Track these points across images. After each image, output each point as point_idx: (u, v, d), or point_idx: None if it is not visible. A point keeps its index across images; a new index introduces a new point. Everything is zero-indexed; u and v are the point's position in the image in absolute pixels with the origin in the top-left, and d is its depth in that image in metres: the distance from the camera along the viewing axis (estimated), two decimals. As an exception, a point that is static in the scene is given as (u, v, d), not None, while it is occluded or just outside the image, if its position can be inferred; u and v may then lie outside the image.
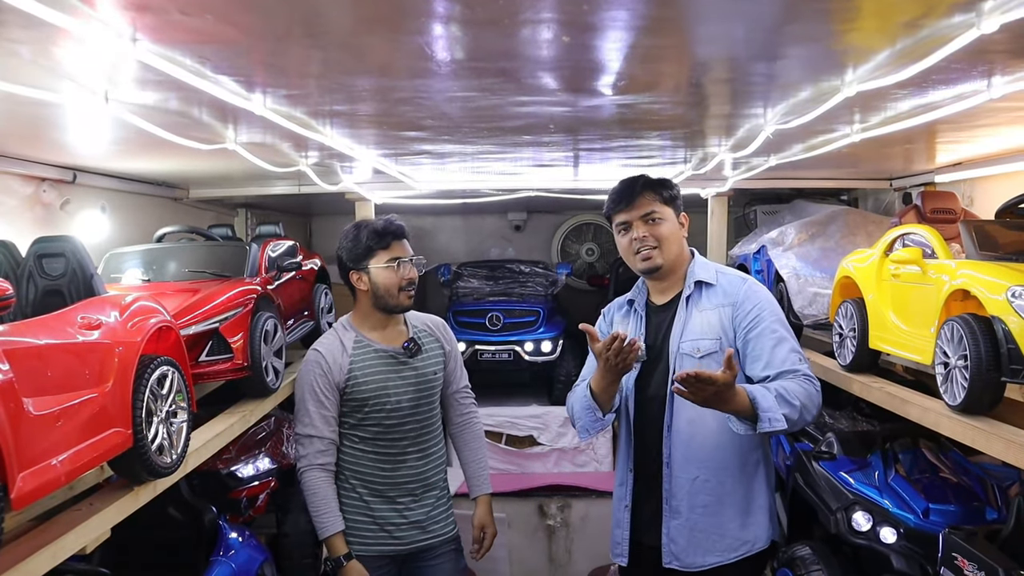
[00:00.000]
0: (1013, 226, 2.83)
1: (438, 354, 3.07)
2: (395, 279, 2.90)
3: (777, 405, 2.32)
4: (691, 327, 2.60)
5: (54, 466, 1.81)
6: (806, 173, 4.73)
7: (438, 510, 3.01)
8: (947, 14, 1.58)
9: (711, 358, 2.53)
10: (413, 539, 2.94)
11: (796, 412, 2.36)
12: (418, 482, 2.95)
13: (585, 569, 5.65)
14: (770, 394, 2.35)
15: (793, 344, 2.53)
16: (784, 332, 2.53)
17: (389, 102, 2.47)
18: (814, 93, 2.32)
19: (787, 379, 2.44)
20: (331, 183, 4.52)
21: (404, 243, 2.96)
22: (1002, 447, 2.25)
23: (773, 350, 2.48)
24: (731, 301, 2.58)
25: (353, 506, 2.91)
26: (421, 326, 3.09)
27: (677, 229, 2.67)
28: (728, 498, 2.56)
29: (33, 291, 2.29)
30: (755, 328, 2.52)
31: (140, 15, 1.54)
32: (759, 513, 2.60)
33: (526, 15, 1.59)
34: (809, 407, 2.40)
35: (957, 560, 2.41)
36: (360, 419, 2.90)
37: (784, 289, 4.01)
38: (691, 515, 2.57)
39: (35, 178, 3.45)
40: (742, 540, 2.56)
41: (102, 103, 2.13)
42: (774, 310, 2.58)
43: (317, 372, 2.89)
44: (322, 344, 2.98)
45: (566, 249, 7.79)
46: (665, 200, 2.64)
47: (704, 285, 2.64)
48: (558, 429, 5.94)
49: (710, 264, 2.73)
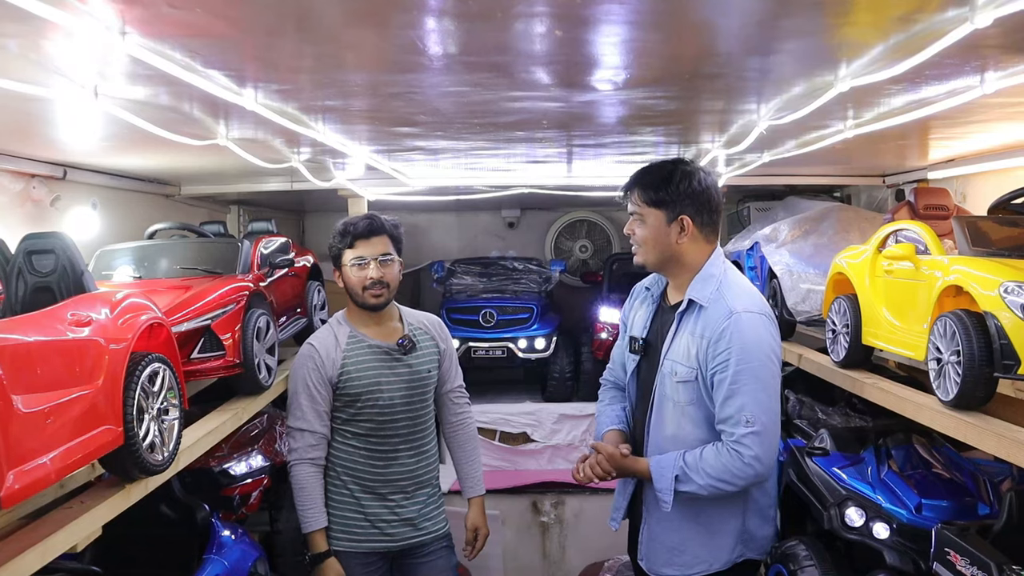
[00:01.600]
0: (1006, 222, 2.83)
1: (433, 352, 3.07)
2: (358, 278, 2.91)
3: (671, 486, 2.42)
4: (676, 347, 2.56)
5: (44, 464, 1.79)
6: (799, 169, 4.74)
7: (429, 507, 3.01)
8: (940, 8, 1.58)
9: (686, 385, 2.51)
10: (404, 536, 2.94)
11: (701, 488, 2.41)
12: (410, 480, 2.95)
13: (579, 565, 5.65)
14: (668, 474, 2.45)
15: (744, 401, 2.38)
16: (745, 384, 2.39)
17: (381, 97, 2.46)
18: (807, 88, 2.32)
19: (714, 447, 2.43)
20: (324, 179, 4.50)
21: (373, 241, 2.93)
22: (994, 442, 2.25)
23: (724, 402, 2.41)
24: (708, 336, 2.45)
25: (344, 502, 2.91)
26: (417, 324, 3.08)
27: (660, 233, 2.53)
28: (688, 517, 2.55)
29: (22, 288, 2.27)
30: (719, 373, 2.43)
31: (129, 8, 1.52)
32: (725, 536, 2.58)
33: (519, 9, 1.58)
34: (727, 480, 2.40)
35: (950, 555, 2.42)
36: (353, 414, 2.89)
37: (777, 286, 4.01)
38: (655, 526, 2.63)
39: (25, 174, 3.43)
40: (700, 559, 2.58)
41: (91, 98, 2.11)
42: (748, 357, 2.40)
43: (310, 366, 2.89)
44: (316, 338, 2.98)
45: (560, 246, 7.79)
46: (651, 202, 2.52)
47: (696, 304, 2.53)
48: (552, 426, 5.94)
49: (714, 279, 2.54)
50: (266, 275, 3.73)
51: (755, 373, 2.41)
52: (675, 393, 2.54)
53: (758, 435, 2.37)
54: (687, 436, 2.52)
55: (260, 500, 3.80)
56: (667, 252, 2.57)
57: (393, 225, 3.05)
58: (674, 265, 2.60)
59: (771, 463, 2.47)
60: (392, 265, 2.98)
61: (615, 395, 2.90)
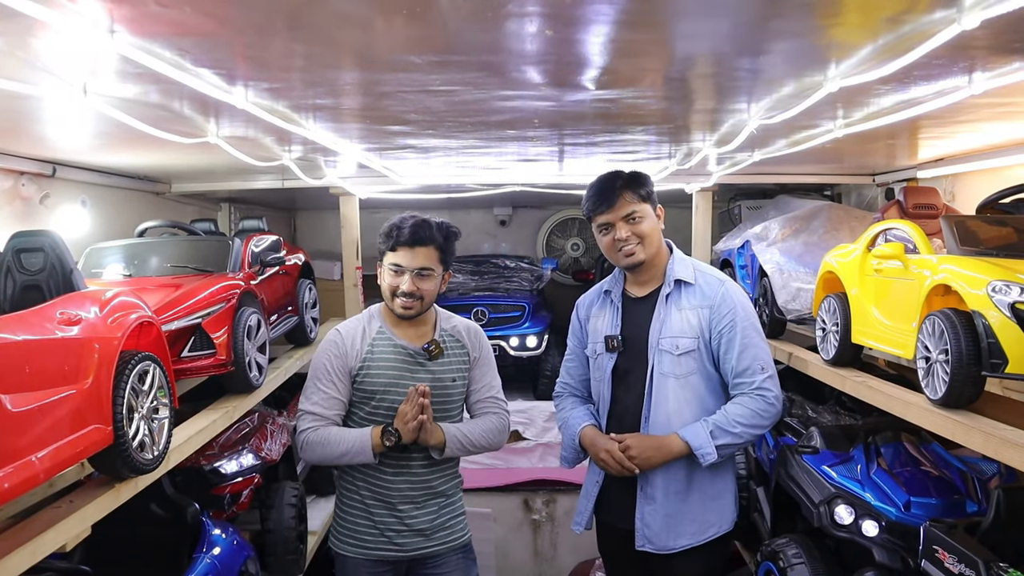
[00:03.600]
0: (994, 221, 2.85)
1: (461, 361, 2.89)
2: (390, 285, 2.76)
3: (710, 440, 2.62)
4: (670, 324, 2.73)
5: (33, 463, 1.78)
6: (790, 168, 4.75)
7: (443, 517, 2.85)
8: (929, 10, 1.59)
9: (689, 356, 2.71)
10: (415, 546, 2.80)
11: (737, 437, 2.64)
12: (421, 490, 2.80)
13: (570, 563, 5.67)
14: (703, 430, 2.63)
15: (757, 351, 2.69)
16: (753, 337, 2.70)
17: (372, 96, 2.46)
18: (797, 88, 2.33)
19: (737, 396, 2.69)
20: (315, 177, 4.49)
21: (416, 251, 2.72)
22: (982, 440, 2.27)
23: (739, 355, 2.68)
24: (709, 303, 2.72)
25: (354, 507, 2.81)
26: (450, 330, 2.92)
27: (656, 225, 2.78)
28: (697, 484, 2.73)
29: (11, 286, 2.26)
30: (728, 332, 2.69)
31: (117, 6, 1.52)
32: (725, 497, 2.80)
33: (510, 8, 1.58)
34: (757, 423, 2.66)
35: (938, 553, 2.44)
36: (369, 412, 2.78)
37: (768, 284, 4.03)
38: (666, 501, 2.72)
39: (14, 172, 3.41)
40: (710, 523, 2.75)
41: (81, 96, 2.10)
42: (748, 314, 2.73)
43: (333, 352, 2.79)
44: (345, 326, 2.88)
45: (551, 244, 7.79)
46: (643, 198, 2.74)
47: (683, 284, 2.76)
48: (543, 424, 5.95)
49: (687, 260, 2.84)
50: (257, 273, 3.72)
51: (755, 327, 2.73)
52: (675, 367, 2.71)
53: (772, 378, 2.69)
54: (688, 407, 2.70)
55: (251, 499, 3.79)
56: (659, 244, 2.79)
57: (445, 235, 2.80)
58: (658, 256, 2.80)
59: (783, 401, 2.79)
60: (430, 279, 2.76)
61: (576, 400, 3.00)
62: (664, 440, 2.68)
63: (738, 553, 4.25)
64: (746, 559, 4.17)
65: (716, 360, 2.73)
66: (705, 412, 2.69)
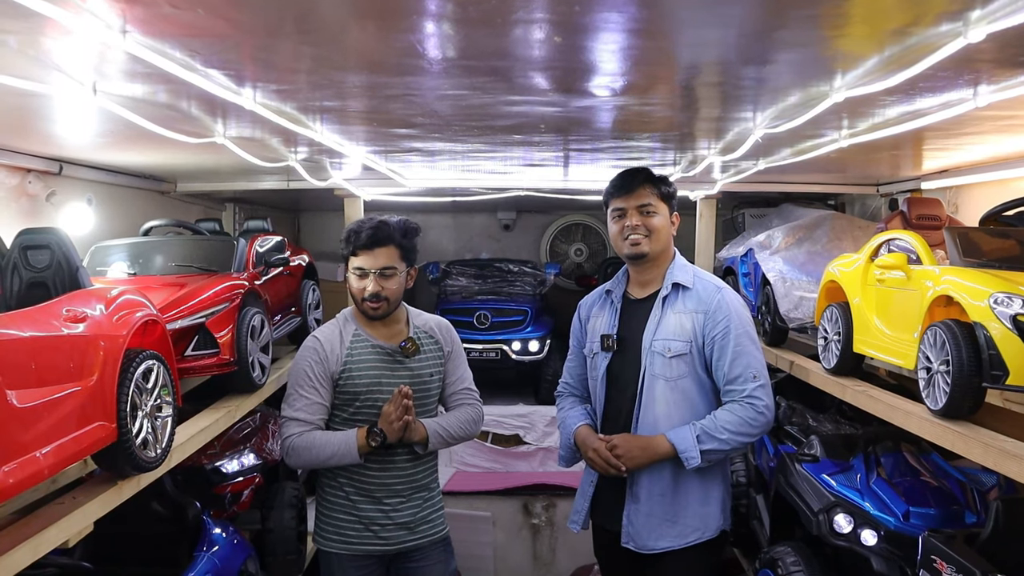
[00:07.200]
0: (997, 233, 2.85)
1: (436, 357, 2.99)
2: (357, 288, 2.85)
3: (695, 444, 2.64)
4: (664, 327, 2.78)
5: (37, 459, 1.79)
6: (794, 177, 4.75)
7: (426, 511, 2.96)
8: (935, 22, 1.60)
9: (680, 359, 2.74)
10: (400, 539, 2.90)
11: (724, 444, 2.67)
12: (406, 484, 2.90)
13: (569, 568, 5.67)
14: (690, 434, 2.65)
15: (750, 359, 2.72)
16: (746, 345, 2.73)
17: (379, 99, 2.47)
18: (803, 98, 2.34)
19: (727, 403, 2.67)
20: (320, 179, 4.50)
21: (376, 253, 2.81)
22: (981, 451, 2.27)
23: (732, 363, 2.71)
24: (704, 309, 2.77)
25: (339, 504, 2.89)
26: (423, 326, 3.01)
27: (668, 225, 2.85)
28: (683, 488, 2.75)
29: (17, 283, 2.27)
30: (720, 339, 2.73)
31: (130, 7, 1.53)
32: (713, 504, 2.81)
33: (518, 15, 1.59)
34: (745, 431, 2.68)
35: (936, 563, 2.44)
36: (352, 413, 2.86)
37: (770, 292, 4.03)
38: (649, 501, 2.75)
39: (21, 169, 3.43)
40: (692, 527, 2.76)
41: (90, 95, 2.11)
42: (742, 322, 2.76)
43: (313, 359, 2.85)
44: (321, 332, 2.94)
45: (555, 249, 7.80)
46: (662, 196, 2.82)
47: (681, 288, 2.81)
48: (544, 428, 5.96)
49: (688, 266, 2.90)
50: (261, 274, 3.74)
51: (749, 336, 2.76)
52: (666, 370, 2.74)
53: (764, 387, 2.71)
54: (678, 411, 2.73)
55: (251, 498, 3.80)
56: (666, 243, 2.85)
57: (403, 232, 2.90)
58: (663, 256, 2.86)
59: (773, 411, 2.78)
60: (394, 278, 2.85)
61: (575, 400, 3.08)
62: (651, 441, 2.71)
63: (736, 560, 4.25)
64: (744, 566, 4.17)
65: (709, 366, 2.75)
66: (695, 416, 2.72)
